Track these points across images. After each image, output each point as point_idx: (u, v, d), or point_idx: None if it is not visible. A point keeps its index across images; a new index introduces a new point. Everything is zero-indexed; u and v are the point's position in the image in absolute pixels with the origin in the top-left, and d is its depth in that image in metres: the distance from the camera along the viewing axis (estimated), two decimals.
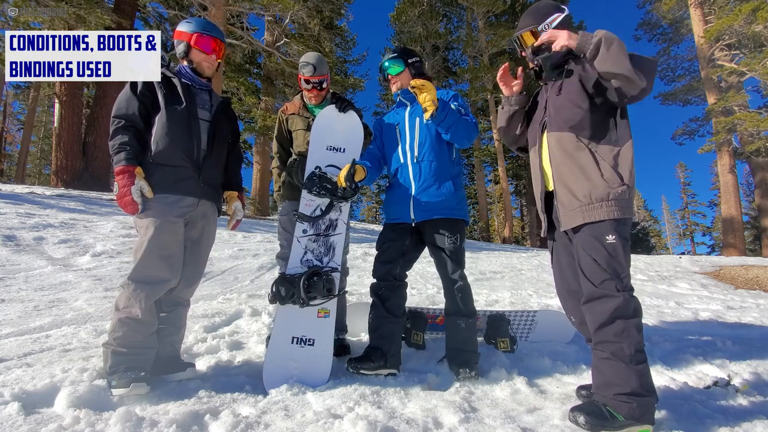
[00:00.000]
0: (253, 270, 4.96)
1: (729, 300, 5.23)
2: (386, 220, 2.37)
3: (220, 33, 2.16)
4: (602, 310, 1.56)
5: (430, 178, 2.20)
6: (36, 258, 4.09)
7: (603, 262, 1.58)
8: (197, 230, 2.08)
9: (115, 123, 1.91)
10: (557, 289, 1.93)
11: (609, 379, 1.53)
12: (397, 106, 2.42)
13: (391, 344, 2.13)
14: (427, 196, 2.19)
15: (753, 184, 18.10)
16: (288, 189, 2.59)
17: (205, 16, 10.37)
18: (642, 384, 1.49)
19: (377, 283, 2.26)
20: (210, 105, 2.13)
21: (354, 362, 2.08)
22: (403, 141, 2.29)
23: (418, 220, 2.19)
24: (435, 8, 20.76)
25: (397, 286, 2.24)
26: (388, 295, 2.21)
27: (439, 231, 2.17)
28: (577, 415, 1.53)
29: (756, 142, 14.93)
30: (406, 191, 2.24)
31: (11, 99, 24.79)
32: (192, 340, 2.57)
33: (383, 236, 2.31)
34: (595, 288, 1.58)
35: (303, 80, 2.54)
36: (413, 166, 2.24)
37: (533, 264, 7.71)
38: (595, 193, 1.61)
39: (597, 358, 1.59)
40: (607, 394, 1.53)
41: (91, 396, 1.63)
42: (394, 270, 2.23)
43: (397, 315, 2.20)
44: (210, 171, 2.07)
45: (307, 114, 2.60)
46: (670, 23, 20.02)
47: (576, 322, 1.85)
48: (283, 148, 2.69)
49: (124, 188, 1.81)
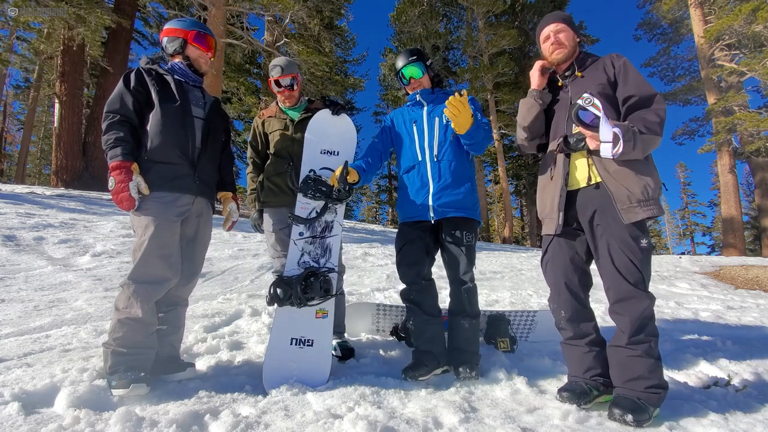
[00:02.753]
0: (253, 270, 4.96)
1: (729, 300, 5.22)
2: (403, 219, 2.33)
3: (212, 33, 2.22)
4: (637, 310, 1.66)
5: (449, 177, 2.22)
6: (36, 258, 4.09)
7: (638, 263, 1.69)
8: (192, 228, 2.07)
9: (110, 118, 1.89)
10: (554, 282, 1.92)
11: (639, 373, 1.64)
12: (412, 104, 2.40)
13: (440, 344, 2.15)
14: (447, 195, 2.20)
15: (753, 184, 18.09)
16: (271, 195, 2.55)
17: (205, 16, 10.37)
18: (662, 377, 1.67)
19: (409, 288, 2.22)
20: (204, 102, 2.14)
21: (410, 371, 2.03)
22: (421, 139, 2.29)
23: (437, 218, 2.20)
24: (435, 8, 20.75)
25: (426, 286, 2.22)
26: (422, 298, 2.19)
27: (456, 229, 2.19)
28: (624, 414, 1.58)
29: (756, 142, 14.91)
30: (424, 189, 2.24)
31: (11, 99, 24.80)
32: (192, 340, 2.57)
33: (404, 236, 2.28)
34: (630, 287, 1.67)
35: (274, 83, 2.58)
36: (432, 164, 2.24)
37: (533, 264, 7.71)
38: (649, 190, 1.71)
39: (625, 355, 1.67)
40: (637, 388, 1.62)
41: (91, 396, 1.63)
42: (422, 271, 2.21)
43: (436, 315, 2.20)
44: (205, 168, 2.07)
45: (284, 116, 2.62)
46: (670, 23, 20.01)
47: (565, 317, 1.86)
48: (257, 153, 2.68)
49: (121, 184, 1.80)
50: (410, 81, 2.35)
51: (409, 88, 2.38)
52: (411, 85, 2.36)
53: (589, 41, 22.95)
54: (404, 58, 2.36)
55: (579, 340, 1.84)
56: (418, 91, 2.34)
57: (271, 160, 2.59)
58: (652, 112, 1.69)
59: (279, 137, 2.56)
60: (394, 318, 2.90)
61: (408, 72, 2.34)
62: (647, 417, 1.57)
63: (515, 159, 24.59)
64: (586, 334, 1.83)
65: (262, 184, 2.61)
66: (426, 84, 2.36)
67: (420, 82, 2.34)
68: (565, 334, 1.88)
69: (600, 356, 1.82)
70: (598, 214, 1.77)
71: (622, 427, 1.56)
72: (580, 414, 1.63)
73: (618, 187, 1.73)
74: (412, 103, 2.40)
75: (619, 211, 1.71)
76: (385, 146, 2.44)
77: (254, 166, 2.70)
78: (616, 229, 1.72)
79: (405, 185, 2.33)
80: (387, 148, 2.46)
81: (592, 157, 1.79)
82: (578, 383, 1.79)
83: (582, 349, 1.83)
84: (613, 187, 1.74)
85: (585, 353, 1.82)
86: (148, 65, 2.05)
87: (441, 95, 2.34)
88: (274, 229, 2.50)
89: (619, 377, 1.69)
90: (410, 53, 2.36)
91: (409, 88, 2.38)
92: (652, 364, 1.64)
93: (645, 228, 1.72)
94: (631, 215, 1.70)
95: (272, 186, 2.54)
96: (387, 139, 2.44)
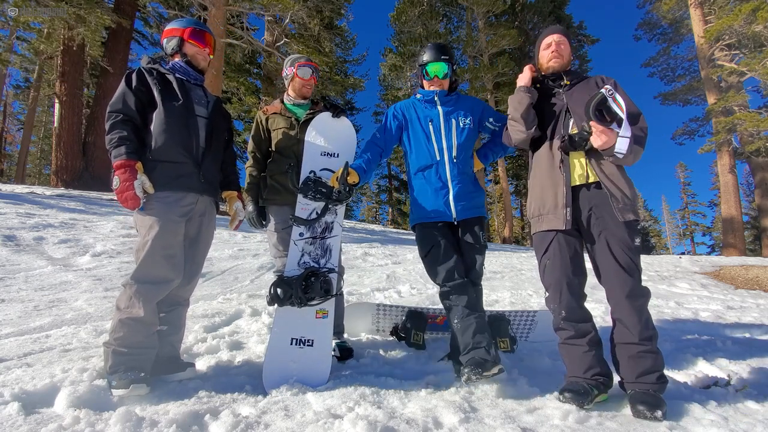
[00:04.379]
0: (253, 270, 4.96)
1: (729, 300, 5.22)
2: (420, 219, 2.27)
3: (210, 30, 2.22)
4: (642, 307, 1.76)
5: (467, 178, 2.26)
6: (36, 258, 4.09)
7: (635, 260, 1.80)
8: (195, 228, 2.07)
9: (113, 117, 1.89)
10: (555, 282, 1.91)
11: (649, 367, 1.71)
12: (426, 101, 2.35)
13: (489, 337, 2.03)
14: (466, 195, 2.23)
15: (753, 184, 18.10)
16: (274, 193, 2.53)
17: (205, 16, 10.37)
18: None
19: (445, 287, 2.12)
20: (206, 101, 2.14)
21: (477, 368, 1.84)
22: (438, 138, 2.27)
23: (459, 218, 2.22)
24: (435, 8, 20.76)
25: (464, 283, 2.12)
26: (461, 294, 2.08)
27: (474, 229, 2.23)
28: (653, 411, 1.60)
29: (756, 142, 14.92)
30: (443, 189, 2.23)
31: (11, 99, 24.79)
32: (192, 340, 2.57)
33: (429, 238, 2.21)
34: (635, 283, 1.76)
35: (299, 69, 2.58)
36: (451, 165, 2.24)
37: (533, 264, 7.70)
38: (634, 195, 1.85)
39: (637, 351, 1.73)
40: (649, 381, 1.70)
41: (91, 396, 1.63)
42: (456, 268, 2.13)
43: (480, 310, 2.13)
44: (209, 167, 2.07)
45: (289, 114, 2.60)
46: (670, 23, 20.01)
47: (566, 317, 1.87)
48: (259, 148, 2.65)
49: (126, 183, 1.78)
50: (434, 78, 2.31)
51: (428, 83, 2.34)
52: (432, 81, 2.32)
53: (589, 41, 22.98)
54: (435, 54, 2.30)
55: (580, 339, 1.84)
56: (436, 91, 2.31)
57: (275, 158, 2.57)
58: (638, 129, 1.83)
59: (283, 136, 2.55)
60: (394, 318, 2.90)
61: (433, 69, 2.30)
62: (666, 407, 1.64)
63: (515, 159, 24.61)
64: (586, 333, 1.85)
65: (265, 182, 2.60)
66: (446, 86, 2.34)
67: (442, 83, 2.32)
68: (565, 334, 1.88)
69: (598, 355, 1.84)
70: (594, 212, 1.86)
71: (622, 427, 1.56)
72: (580, 414, 1.63)
73: (614, 187, 1.84)
74: (425, 99, 2.35)
75: (615, 209, 1.81)
76: (387, 143, 2.37)
77: (255, 161, 2.67)
78: (613, 227, 1.81)
79: (422, 184, 2.29)
80: (389, 145, 2.38)
81: (590, 157, 1.89)
82: (579, 383, 1.79)
83: (582, 348, 1.83)
84: (611, 186, 1.84)
85: (585, 352, 1.83)
86: (150, 65, 2.05)
87: (456, 97, 2.36)
88: (276, 228, 2.49)
89: (632, 373, 1.74)
90: (442, 51, 2.31)
91: (428, 83, 2.34)
92: (657, 355, 1.73)
93: (636, 228, 1.84)
94: (626, 214, 1.81)
95: (276, 184, 2.52)
96: (392, 135, 2.36)
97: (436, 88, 2.31)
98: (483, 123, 2.36)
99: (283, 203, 2.50)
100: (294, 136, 2.53)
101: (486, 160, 2.48)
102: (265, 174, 2.62)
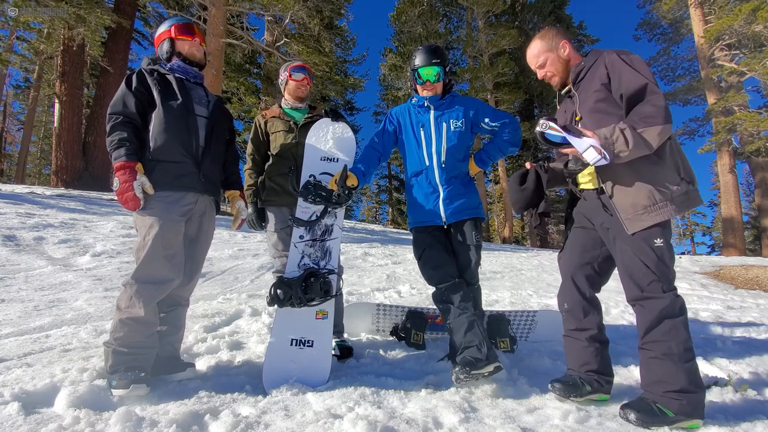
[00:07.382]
0: (253, 270, 4.96)
1: (729, 300, 5.22)
2: (414, 223, 2.34)
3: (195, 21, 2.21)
4: (650, 311, 1.62)
5: (456, 181, 2.26)
6: (36, 258, 4.09)
7: (652, 265, 1.62)
8: (195, 227, 2.07)
9: (113, 119, 1.90)
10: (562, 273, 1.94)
11: (658, 377, 1.58)
12: (419, 105, 2.35)
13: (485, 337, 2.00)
14: (456, 198, 2.24)
15: (753, 184, 18.08)
16: (273, 194, 2.56)
17: (205, 16, 10.37)
18: (691, 381, 1.55)
19: (439, 289, 2.14)
20: (207, 101, 2.14)
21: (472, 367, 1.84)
22: (428, 144, 2.28)
23: (449, 221, 2.24)
24: (435, 8, 20.76)
25: (458, 283, 2.12)
26: (454, 294, 2.08)
27: (466, 230, 2.24)
28: (628, 413, 1.58)
29: (756, 142, 14.91)
30: (433, 194, 2.27)
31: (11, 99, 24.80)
32: (192, 340, 2.57)
33: (421, 242, 2.27)
34: (641, 292, 1.64)
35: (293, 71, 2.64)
36: (440, 170, 2.26)
37: (533, 264, 7.71)
38: (656, 195, 1.62)
39: (646, 357, 1.64)
40: (656, 392, 1.58)
41: (91, 396, 1.63)
42: (449, 270, 2.15)
43: (476, 309, 2.12)
44: (209, 166, 2.07)
45: (288, 117, 2.65)
46: (670, 23, 20.00)
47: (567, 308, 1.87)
48: (258, 151, 2.69)
49: (126, 184, 1.80)
50: (426, 83, 2.27)
51: (420, 87, 2.31)
52: (425, 86, 2.29)
53: (589, 41, 22.96)
54: (426, 58, 2.25)
55: (579, 333, 1.84)
56: (427, 97, 2.29)
57: (274, 160, 2.60)
58: (647, 104, 1.61)
59: (282, 138, 2.58)
60: (394, 318, 2.90)
61: (425, 74, 2.25)
62: (659, 421, 1.53)
63: (515, 159, 24.57)
64: (586, 329, 1.83)
65: (263, 184, 2.62)
66: (438, 90, 2.30)
67: (434, 87, 2.29)
68: (567, 325, 1.90)
69: (599, 353, 1.82)
70: (607, 219, 1.76)
71: (622, 427, 1.56)
72: (580, 414, 1.63)
73: (621, 197, 1.69)
74: (418, 105, 2.35)
75: (623, 221, 1.67)
76: (386, 147, 2.42)
77: (253, 163, 2.70)
78: (625, 235, 1.68)
79: (414, 189, 2.35)
80: (387, 149, 2.44)
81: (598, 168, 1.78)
82: (572, 376, 1.81)
83: (581, 343, 1.83)
84: (617, 196, 1.70)
85: (584, 347, 1.82)
86: (150, 66, 2.06)
87: (449, 99, 2.33)
88: (275, 228, 2.51)
89: (643, 379, 1.67)
90: (433, 54, 2.25)
91: (420, 87, 2.31)
92: (671, 366, 1.55)
93: (656, 230, 1.63)
94: (636, 224, 1.64)
95: (275, 186, 2.55)
96: (389, 140, 2.41)
97: (429, 93, 2.29)
98: (478, 124, 2.31)
99: (281, 204, 2.53)
100: (292, 139, 2.56)
101: (484, 165, 2.39)
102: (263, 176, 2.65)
